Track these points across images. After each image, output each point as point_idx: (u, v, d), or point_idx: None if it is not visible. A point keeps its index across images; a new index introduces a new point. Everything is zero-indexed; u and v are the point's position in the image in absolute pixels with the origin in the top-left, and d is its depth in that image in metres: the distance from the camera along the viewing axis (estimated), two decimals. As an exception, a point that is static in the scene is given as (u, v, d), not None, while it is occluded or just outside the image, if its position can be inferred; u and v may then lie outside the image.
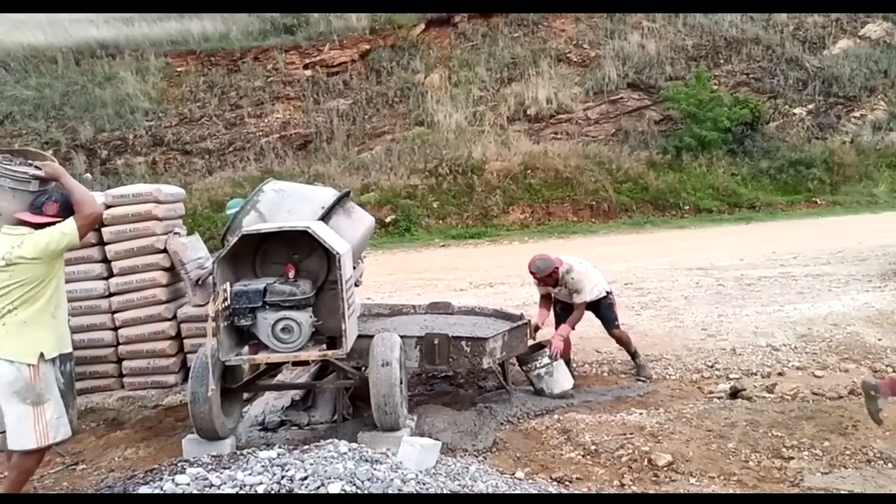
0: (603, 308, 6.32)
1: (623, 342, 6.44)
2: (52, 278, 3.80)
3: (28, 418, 3.67)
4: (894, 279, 9.45)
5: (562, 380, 5.88)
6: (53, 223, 3.77)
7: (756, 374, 6.21)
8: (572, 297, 6.11)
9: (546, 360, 5.85)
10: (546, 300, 6.32)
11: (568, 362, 6.23)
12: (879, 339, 6.84)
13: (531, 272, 6.08)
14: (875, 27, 22.96)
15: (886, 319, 7.49)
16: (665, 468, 4.43)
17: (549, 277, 6.03)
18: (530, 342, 6.00)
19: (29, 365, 3.67)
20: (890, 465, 4.33)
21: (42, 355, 3.73)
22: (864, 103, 21.76)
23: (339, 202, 5.05)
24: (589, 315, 6.35)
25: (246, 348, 4.67)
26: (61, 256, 3.84)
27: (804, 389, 5.70)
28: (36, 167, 3.93)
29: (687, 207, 18.61)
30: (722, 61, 21.99)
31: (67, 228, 3.75)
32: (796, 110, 21.41)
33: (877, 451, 4.48)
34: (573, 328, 6.08)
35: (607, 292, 6.35)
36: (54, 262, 3.79)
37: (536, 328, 6.15)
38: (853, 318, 7.57)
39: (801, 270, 10.53)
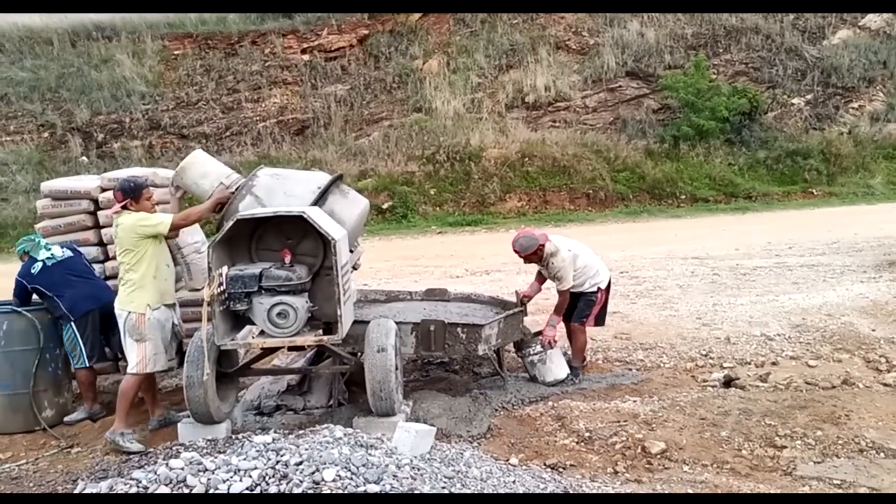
0: (582, 301, 6.05)
1: (576, 341, 6.09)
2: (148, 250, 4.84)
3: (134, 350, 4.88)
4: (889, 270, 9.48)
5: (555, 368, 5.88)
6: (125, 206, 4.86)
7: (750, 364, 6.23)
8: (554, 282, 5.99)
9: (539, 347, 5.86)
10: (541, 274, 6.21)
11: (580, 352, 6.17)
12: (873, 330, 6.87)
13: (515, 250, 5.94)
14: (875, 17, 22.89)
15: (880, 310, 7.52)
16: (658, 456, 4.46)
17: (533, 255, 5.89)
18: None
19: (139, 314, 4.83)
20: (882, 454, 4.36)
21: (149, 306, 4.85)
22: (862, 94, 21.74)
23: (332, 185, 5.04)
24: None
25: (242, 332, 4.68)
26: (151, 238, 4.83)
27: (798, 379, 5.72)
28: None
29: (683, 197, 18.61)
30: (721, 50, 21.93)
31: (158, 219, 4.83)
32: (794, 101, 21.38)
33: (869, 440, 4.50)
34: (561, 316, 5.98)
35: (599, 289, 6.06)
36: (145, 240, 4.81)
37: (524, 297, 6.07)
38: (847, 309, 7.60)
39: (796, 261, 10.56)
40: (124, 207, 4.87)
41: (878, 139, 20.77)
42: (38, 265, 5.41)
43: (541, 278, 6.22)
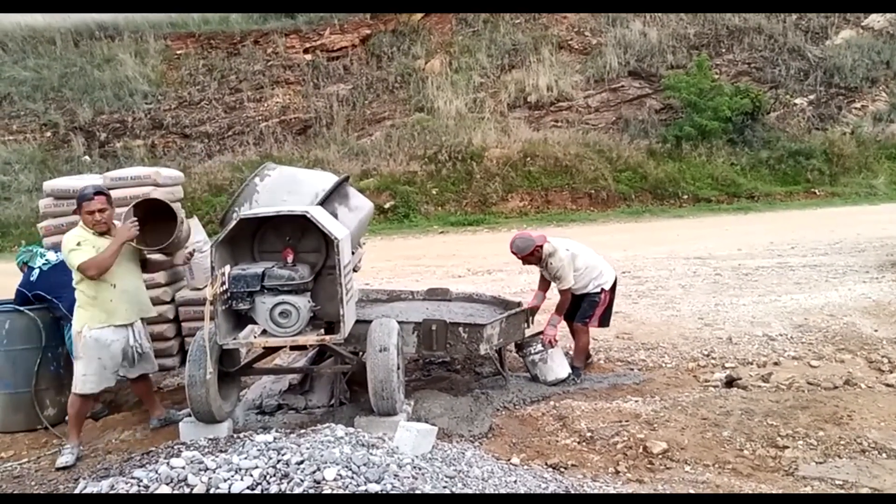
0: (586, 301, 6.01)
1: (578, 341, 6.08)
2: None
3: (75, 367, 4.86)
4: (891, 270, 9.46)
5: (556, 368, 5.87)
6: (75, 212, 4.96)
7: (752, 364, 6.22)
8: (554, 282, 5.98)
9: (540, 346, 5.85)
10: (544, 281, 6.20)
11: (588, 356, 6.26)
12: (875, 330, 6.86)
13: (512, 252, 5.93)
14: (878, 18, 22.85)
15: (883, 310, 7.51)
16: (660, 456, 4.45)
17: (531, 256, 5.89)
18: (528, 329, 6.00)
19: (76, 331, 4.79)
20: (884, 455, 4.35)
21: (87, 326, 4.76)
22: (865, 94, 21.70)
23: (338, 187, 5.04)
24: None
25: (244, 331, 4.68)
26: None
27: (800, 379, 5.71)
28: None
29: (686, 197, 18.59)
30: (724, 50, 21.90)
31: (74, 256, 4.68)
32: (797, 101, 21.34)
33: (871, 440, 4.49)
34: (562, 315, 5.97)
35: (602, 290, 6.03)
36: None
37: (533, 310, 6.04)
38: (850, 309, 7.58)
39: (798, 261, 10.54)
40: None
41: (881, 139, 20.73)
42: (36, 272, 5.49)
43: (544, 286, 6.21)
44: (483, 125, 19.56)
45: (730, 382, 5.73)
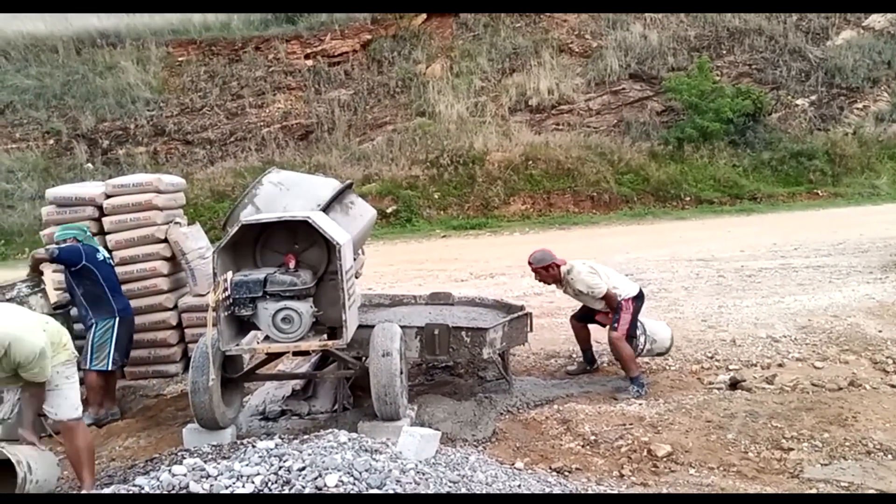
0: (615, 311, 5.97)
1: (619, 352, 5.82)
2: None
3: None
4: (895, 271, 9.43)
5: (661, 332, 6.10)
6: None
7: (756, 366, 6.20)
8: (591, 303, 5.95)
9: (642, 338, 5.93)
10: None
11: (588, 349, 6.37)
12: (880, 331, 6.83)
13: (528, 262, 6.01)
14: (879, 18, 22.82)
15: (887, 311, 7.48)
16: (664, 459, 4.44)
17: (545, 271, 5.91)
18: None
19: None
20: (889, 456, 4.34)
21: None
22: (866, 94, 21.66)
23: (341, 194, 5.05)
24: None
25: (247, 338, 4.68)
26: None
27: (804, 381, 5.69)
28: None
29: (688, 199, 18.56)
30: (724, 52, 21.88)
31: None
32: (799, 101, 21.32)
33: (876, 442, 4.48)
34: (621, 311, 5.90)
35: (626, 299, 5.91)
36: None
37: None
38: (854, 310, 7.56)
39: (801, 262, 10.51)
40: None
41: (882, 139, 20.70)
42: (101, 256, 5.47)
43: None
44: (484, 129, 19.56)
45: (734, 384, 5.71)
